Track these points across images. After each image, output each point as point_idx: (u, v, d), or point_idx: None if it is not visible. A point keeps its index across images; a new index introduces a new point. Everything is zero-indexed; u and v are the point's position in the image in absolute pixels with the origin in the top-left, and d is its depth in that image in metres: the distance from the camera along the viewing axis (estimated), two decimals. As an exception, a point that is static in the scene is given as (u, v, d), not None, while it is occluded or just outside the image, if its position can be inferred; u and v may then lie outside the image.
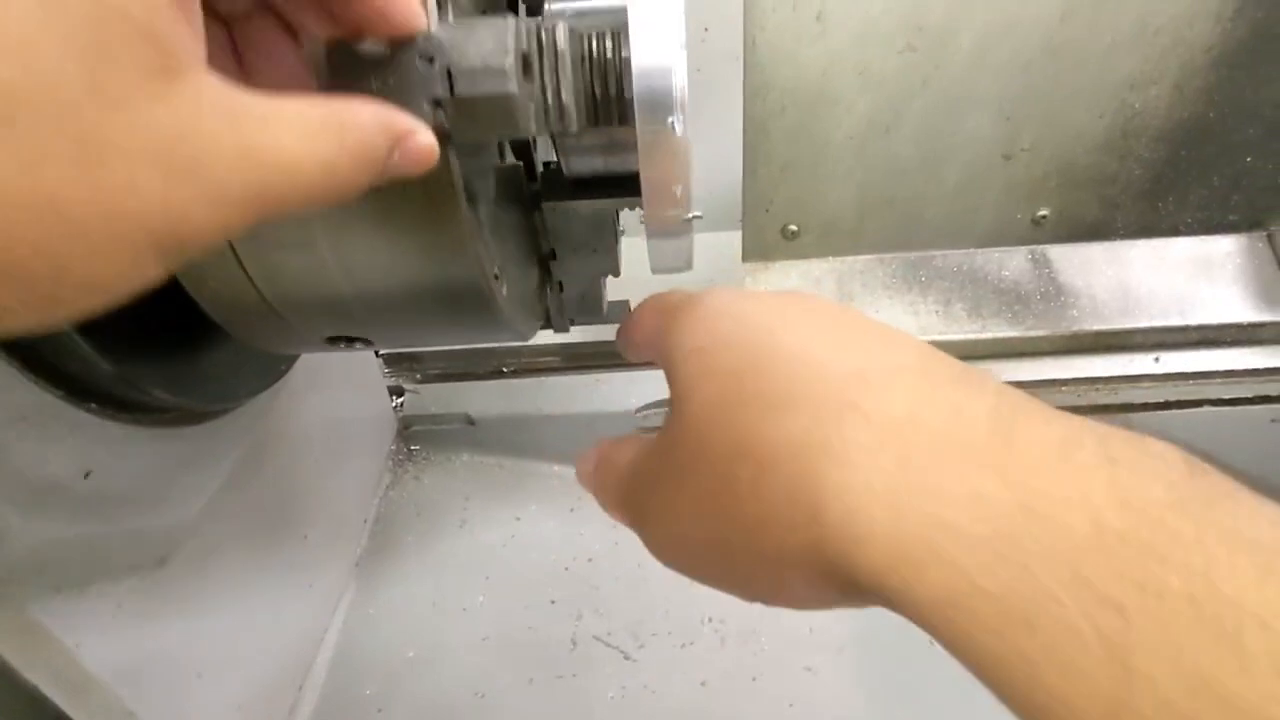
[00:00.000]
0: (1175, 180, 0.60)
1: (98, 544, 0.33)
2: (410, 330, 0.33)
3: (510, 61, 0.23)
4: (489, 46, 0.23)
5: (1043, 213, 0.62)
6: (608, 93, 0.29)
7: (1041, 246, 0.64)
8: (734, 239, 0.63)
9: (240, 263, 0.27)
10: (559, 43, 0.25)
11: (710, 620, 0.58)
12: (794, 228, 0.63)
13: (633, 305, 0.38)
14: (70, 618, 0.32)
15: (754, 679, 0.55)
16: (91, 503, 0.31)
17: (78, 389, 0.30)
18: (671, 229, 0.31)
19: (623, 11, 0.27)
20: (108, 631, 0.34)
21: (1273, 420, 0.62)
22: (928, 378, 0.21)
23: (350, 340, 0.31)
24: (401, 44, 0.22)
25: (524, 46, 0.24)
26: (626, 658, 0.57)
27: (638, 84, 0.28)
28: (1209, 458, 0.18)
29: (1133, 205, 0.62)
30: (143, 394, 0.31)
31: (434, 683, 0.55)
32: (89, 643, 0.33)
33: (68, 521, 0.31)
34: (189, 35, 0.16)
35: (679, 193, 0.30)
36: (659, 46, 0.28)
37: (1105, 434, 0.19)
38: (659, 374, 0.37)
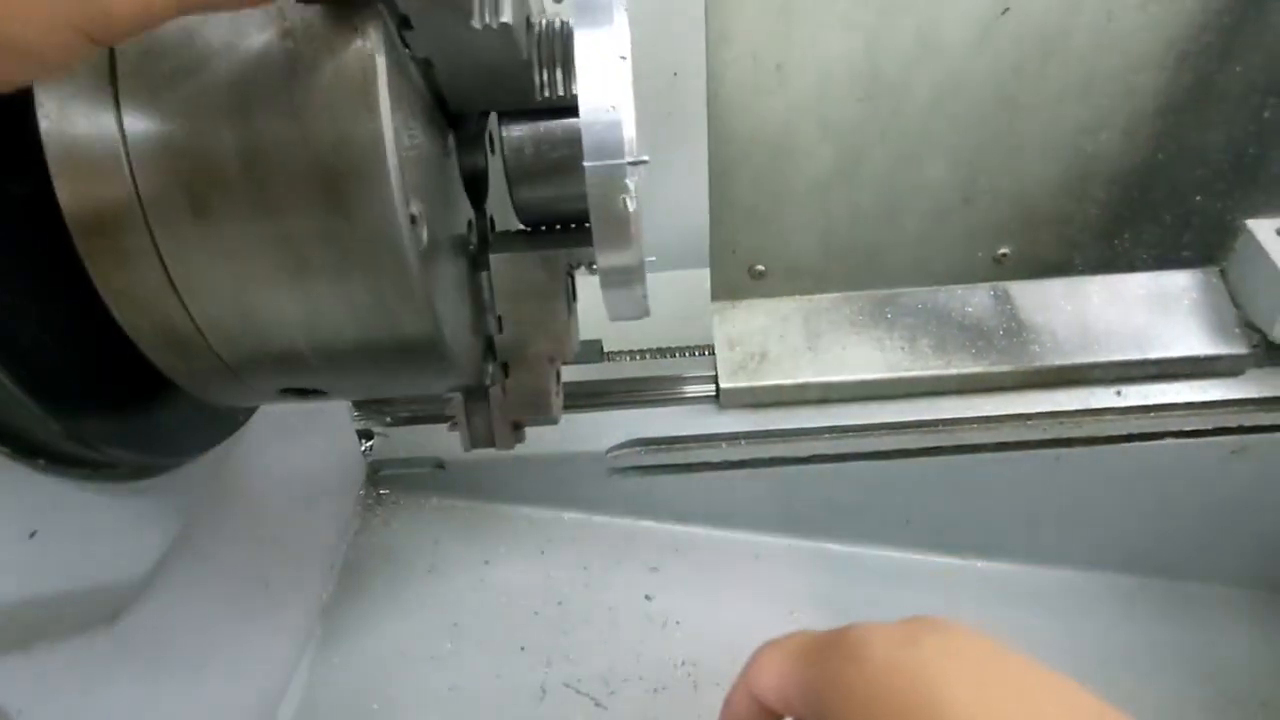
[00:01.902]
0: (1130, 219, 0.62)
1: (43, 604, 0.32)
2: (364, 381, 0.33)
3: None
4: None
5: (1003, 251, 0.64)
6: None
7: (1003, 283, 0.65)
8: (704, 276, 0.64)
9: (192, 319, 0.27)
10: None
11: (683, 664, 0.58)
12: (760, 268, 0.64)
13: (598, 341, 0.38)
14: (13, 682, 0.31)
15: (726, 724, 0.54)
16: (36, 564, 0.30)
17: (24, 446, 0.29)
18: (624, 278, 0.32)
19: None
20: (55, 694, 0.33)
21: (1232, 452, 0.62)
22: None
23: (303, 392, 0.31)
24: None
25: None
26: (598, 705, 0.56)
27: (586, 134, 0.28)
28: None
29: (1090, 243, 0.63)
30: (93, 450, 0.31)
31: (400, 735, 0.54)
32: (34, 708, 0.32)
33: (11, 585, 0.30)
34: None
35: (630, 242, 0.30)
36: (607, 96, 0.28)
37: None
38: (629, 415, 0.37)
